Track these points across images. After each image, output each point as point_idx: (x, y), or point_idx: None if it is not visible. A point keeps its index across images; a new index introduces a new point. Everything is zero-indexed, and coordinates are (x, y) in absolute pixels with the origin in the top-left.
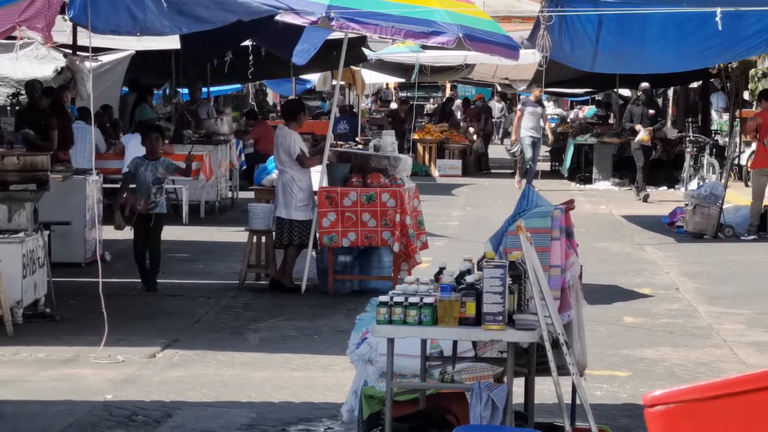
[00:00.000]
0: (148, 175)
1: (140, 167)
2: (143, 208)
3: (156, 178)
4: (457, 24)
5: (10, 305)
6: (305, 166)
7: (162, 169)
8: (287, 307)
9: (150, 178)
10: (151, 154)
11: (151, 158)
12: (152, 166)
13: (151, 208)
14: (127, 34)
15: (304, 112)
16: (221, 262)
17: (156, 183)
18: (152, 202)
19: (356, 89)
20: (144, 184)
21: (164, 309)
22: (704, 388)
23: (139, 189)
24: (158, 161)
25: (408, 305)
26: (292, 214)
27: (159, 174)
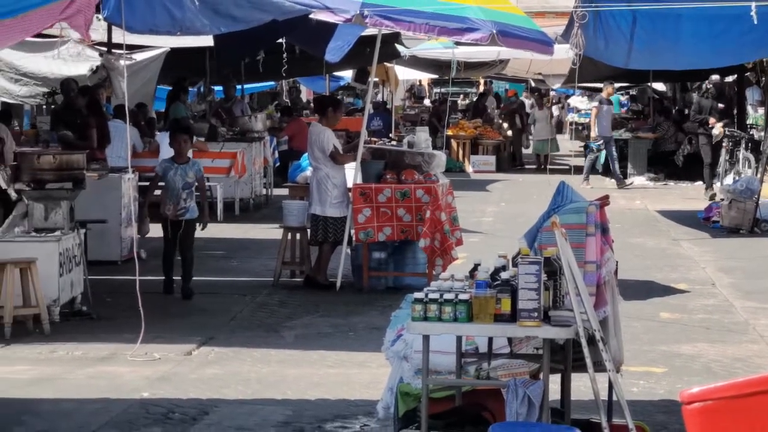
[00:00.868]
0: (178, 179)
1: (169, 171)
2: (172, 214)
3: (186, 182)
4: (490, 20)
5: (47, 303)
6: (338, 162)
7: (192, 174)
8: (322, 304)
9: (180, 182)
10: (179, 156)
11: (180, 161)
12: (182, 170)
13: (181, 214)
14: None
15: (337, 107)
16: (256, 259)
17: (186, 188)
18: (182, 208)
19: (390, 85)
20: (173, 189)
21: (200, 306)
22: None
23: (169, 194)
24: (188, 164)
25: (443, 302)
26: (326, 211)
27: (189, 179)
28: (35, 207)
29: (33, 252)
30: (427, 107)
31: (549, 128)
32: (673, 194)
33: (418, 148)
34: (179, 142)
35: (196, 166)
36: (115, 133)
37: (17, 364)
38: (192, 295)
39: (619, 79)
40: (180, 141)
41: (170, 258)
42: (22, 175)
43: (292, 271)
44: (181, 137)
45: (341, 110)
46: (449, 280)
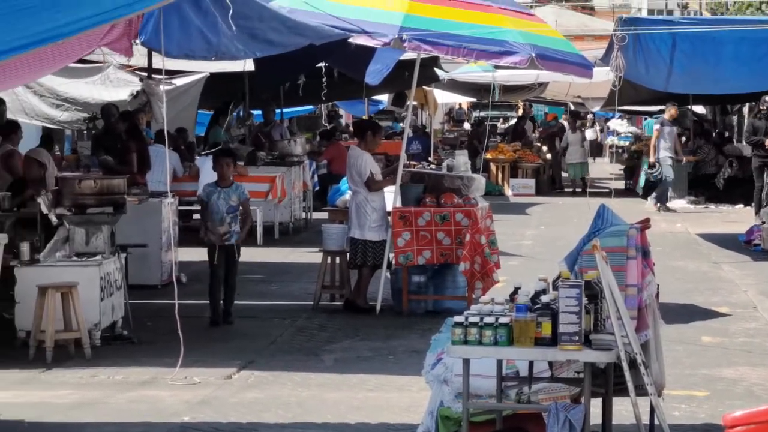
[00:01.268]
0: (221, 203)
1: (212, 195)
2: (218, 239)
3: (230, 206)
4: (529, 43)
5: (88, 328)
6: (372, 190)
7: (235, 197)
8: (362, 328)
9: (223, 206)
10: (222, 179)
11: (224, 185)
12: (225, 194)
13: (227, 238)
14: (202, 58)
15: (376, 131)
16: (296, 283)
17: (230, 212)
18: (227, 232)
19: (429, 109)
20: (217, 214)
21: (239, 330)
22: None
23: (213, 219)
24: (231, 188)
25: (483, 325)
26: (366, 235)
27: (232, 202)
28: (76, 231)
29: (74, 276)
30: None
31: (582, 151)
32: (714, 217)
33: (458, 172)
34: (222, 165)
35: (240, 189)
36: (156, 157)
37: (59, 388)
38: (233, 320)
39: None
40: (223, 164)
41: (218, 286)
42: (63, 200)
43: (331, 294)
44: (224, 160)
45: (380, 134)
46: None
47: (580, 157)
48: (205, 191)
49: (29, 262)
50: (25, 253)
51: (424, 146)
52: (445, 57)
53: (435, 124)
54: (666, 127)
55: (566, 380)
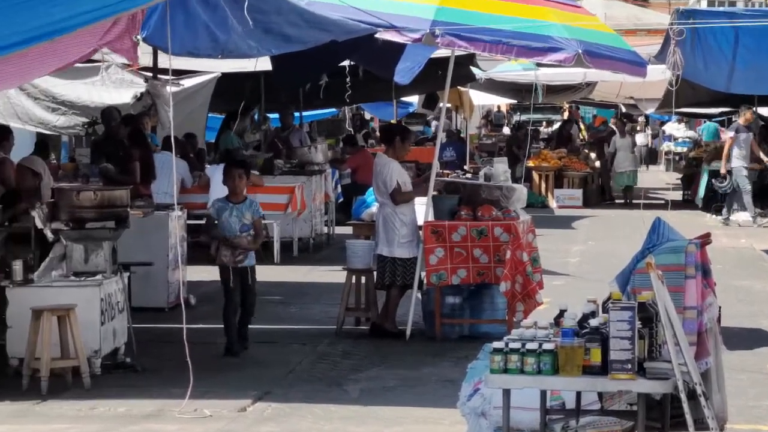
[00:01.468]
0: (234, 221)
1: (223, 212)
2: (230, 261)
3: (243, 224)
4: (575, 39)
5: (88, 355)
6: (397, 203)
7: (249, 214)
8: (390, 355)
9: (236, 225)
10: (234, 194)
11: (236, 200)
12: (237, 211)
13: (240, 260)
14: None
15: (405, 137)
16: (316, 305)
17: (244, 230)
18: (240, 254)
19: (464, 112)
20: (230, 233)
21: (255, 358)
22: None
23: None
24: (244, 204)
25: (525, 352)
26: (394, 252)
27: (246, 220)
28: (74, 248)
29: (72, 298)
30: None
31: (632, 158)
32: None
33: (496, 181)
34: (234, 177)
35: (254, 205)
36: (162, 166)
37: (55, 421)
38: (247, 344)
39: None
40: (235, 176)
41: (234, 312)
42: (59, 214)
43: (356, 318)
44: (236, 172)
45: (410, 140)
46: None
47: (630, 165)
48: (214, 207)
49: (22, 282)
50: (18, 273)
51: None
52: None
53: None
54: (741, 133)
55: (618, 413)
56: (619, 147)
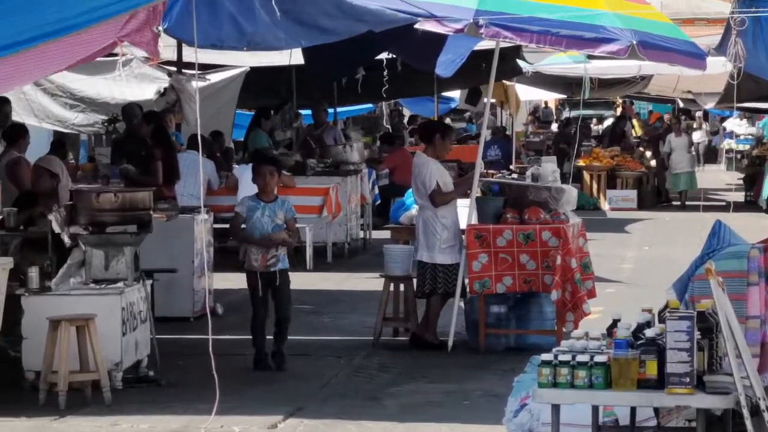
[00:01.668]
0: (266, 221)
1: (254, 212)
2: (261, 266)
3: (276, 225)
4: (629, 29)
5: (108, 368)
6: (436, 204)
7: (282, 214)
8: (431, 368)
9: (268, 225)
10: (264, 193)
11: (267, 199)
12: (269, 210)
13: (272, 264)
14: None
15: (446, 134)
16: (352, 314)
17: (277, 231)
18: (272, 256)
19: (509, 108)
20: (261, 235)
21: (287, 371)
22: None
23: (255, 241)
24: (276, 203)
25: (576, 365)
26: (435, 257)
27: (278, 220)
28: (94, 254)
29: (91, 307)
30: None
31: (688, 159)
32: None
33: (544, 182)
34: (264, 175)
35: (286, 204)
36: (187, 166)
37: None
38: (284, 362)
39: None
40: (266, 174)
41: (262, 322)
42: (78, 217)
43: (395, 328)
44: (266, 169)
45: (451, 137)
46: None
47: (686, 166)
48: (244, 205)
49: (38, 290)
50: (34, 280)
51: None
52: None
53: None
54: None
55: (675, 430)
56: (674, 146)
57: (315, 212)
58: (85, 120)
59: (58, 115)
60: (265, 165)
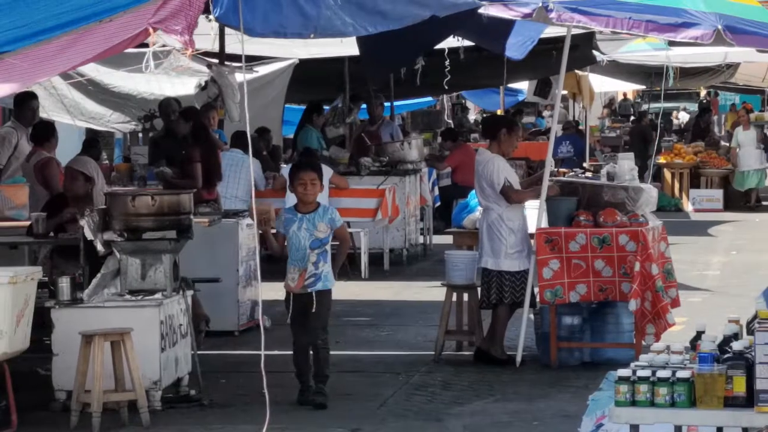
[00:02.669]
0: (303, 236)
1: (291, 225)
2: (298, 285)
3: (315, 239)
4: (714, 12)
5: (146, 386)
6: (512, 201)
7: (324, 225)
8: (498, 385)
9: (306, 239)
10: (303, 203)
11: (306, 210)
12: (308, 222)
13: (310, 283)
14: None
15: (512, 129)
16: (411, 326)
17: (316, 246)
18: (311, 275)
19: (583, 100)
20: (298, 250)
21: (340, 389)
22: None
23: (292, 256)
24: (316, 213)
25: (656, 381)
26: (501, 264)
27: (319, 233)
28: (129, 263)
29: (127, 320)
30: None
31: (757, 155)
32: None
33: (621, 181)
34: (305, 183)
35: (328, 214)
36: (230, 166)
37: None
38: (326, 401)
39: None
40: (306, 183)
41: (305, 350)
42: (112, 222)
43: (458, 342)
44: (306, 177)
45: (518, 133)
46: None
47: (756, 163)
48: (281, 220)
49: (70, 302)
50: (65, 291)
51: (576, 148)
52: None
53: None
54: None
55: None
56: (741, 141)
57: (370, 216)
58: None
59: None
60: (303, 171)
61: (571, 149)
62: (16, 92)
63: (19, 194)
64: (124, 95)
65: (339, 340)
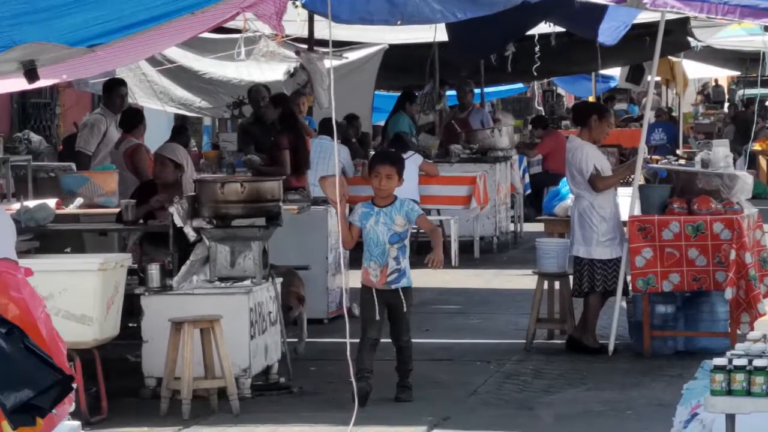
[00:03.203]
0: (381, 230)
1: (367, 219)
2: (379, 282)
3: (394, 233)
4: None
5: (236, 374)
6: (598, 189)
7: (401, 219)
8: (590, 374)
9: (384, 234)
10: (380, 196)
11: (383, 203)
12: (386, 216)
13: (393, 280)
14: (383, 23)
15: (603, 116)
16: (502, 315)
17: (395, 241)
18: (392, 271)
19: (676, 86)
20: (376, 245)
21: (430, 377)
22: None
23: (369, 253)
24: (394, 207)
25: (753, 370)
26: (592, 252)
27: (397, 227)
28: (219, 250)
29: (216, 307)
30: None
31: None
32: None
33: (715, 168)
34: (380, 177)
35: (406, 205)
36: (319, 153)
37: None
38: (410, 397)
39: None
40: (381, 176)
41: (370, 352)
42: (201, 209)
43: (549, 330)
44: (382, 170)
45: (609, 120)
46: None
47: None
48: (357, 213)
49: (159, 289)
50: (154, 278)
51: (669, 135)
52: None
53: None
54: None
55: None
56: None
57: (460, 203)
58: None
59: (181, 97)
60: (381, 164)
61: (664, 136)
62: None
63: (108, 181)
64: (214, 81)
65: (428, 328)
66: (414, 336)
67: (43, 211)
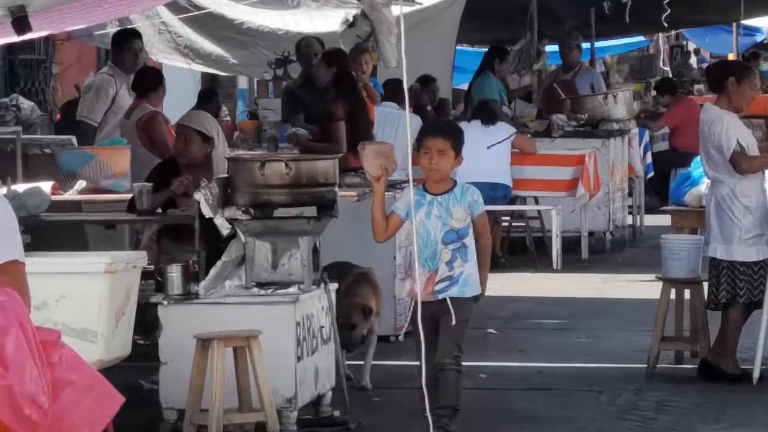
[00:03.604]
0: (433, 224)
1: (418, 210)
2: (425, 291)
3: (449, 229)
4: None
5: (278, 404)
6: (744, 170)
7: (461, 211)
8: (729, 408)
9: (437, 230)
10: (432, 181)
11: (436, 190)
12: (439, 207)
13: (442, 289)
14: None
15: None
16: (616, 331)
17: (450, 240)
18: (444, 278)
19: None
20: (427, 246)
21: (526, 409)
22: None
23: (418, 252)
24: (452, 194)
25: None
26: (734, 253)
27: (454, 222)
28: (257, 247)
29: (254, 321)
30: None
31: None
32: None
33: None
34: (429, 153)
35: (468, 194)
36: (385, 124)
37: None
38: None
39: None
40: (432, 152)
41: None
42: (236, 196)
43: (677, 352)
44: (432, 144)
45: (753, 82)
46: None
47: None
48: (403, 202)
49: (182, 297)
50: (176, 283)
51: None
52: None
53: None
54: None
55: None
56: None
57: (564, 189)
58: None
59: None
60: (431, 137)
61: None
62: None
63: (117, 159)
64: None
65: (523, 348)
66: (505, 358)
67: (36, 198)
